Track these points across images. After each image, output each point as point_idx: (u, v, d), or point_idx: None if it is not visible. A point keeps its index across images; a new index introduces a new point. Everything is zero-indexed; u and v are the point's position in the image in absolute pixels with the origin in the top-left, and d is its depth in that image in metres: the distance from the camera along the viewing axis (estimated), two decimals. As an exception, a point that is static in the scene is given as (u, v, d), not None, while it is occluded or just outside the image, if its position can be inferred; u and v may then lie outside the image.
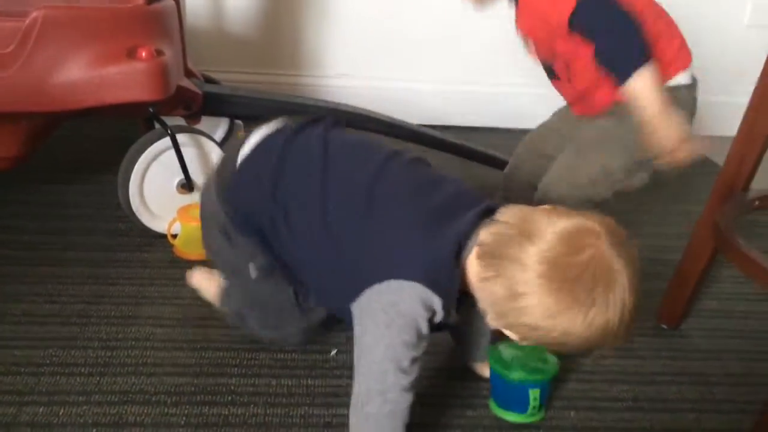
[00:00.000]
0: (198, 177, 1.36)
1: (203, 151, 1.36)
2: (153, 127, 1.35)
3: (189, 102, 1.39)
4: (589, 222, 0.78)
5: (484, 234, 0.81)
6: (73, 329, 1.10)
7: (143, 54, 1.21)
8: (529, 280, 0.75)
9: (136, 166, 1.29)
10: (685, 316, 1.22)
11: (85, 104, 1.21)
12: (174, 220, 1.31)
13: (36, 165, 1.39)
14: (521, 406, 0.97)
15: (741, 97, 1.14)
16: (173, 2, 1.33)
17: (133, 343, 1.08)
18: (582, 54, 1.13)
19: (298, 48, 1.97)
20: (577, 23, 1.09)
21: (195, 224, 1.28)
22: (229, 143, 1.60)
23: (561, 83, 1.28)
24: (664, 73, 1.12)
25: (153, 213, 1.35)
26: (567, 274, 0.75)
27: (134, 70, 1.20)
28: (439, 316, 0.85)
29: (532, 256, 0.76)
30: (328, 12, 1.94)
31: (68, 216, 1.42)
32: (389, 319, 0.82)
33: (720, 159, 1.90)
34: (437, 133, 1.67)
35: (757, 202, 1.09)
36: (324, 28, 1.96)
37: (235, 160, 0.97)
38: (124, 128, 1.61)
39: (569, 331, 0.76)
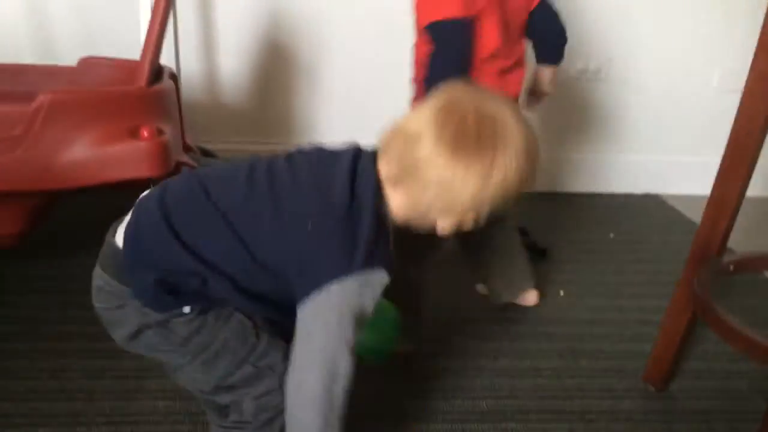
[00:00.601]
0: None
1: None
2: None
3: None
4: (447, 93, 0.85)
5: (382, 170, 0.86)
6: (78, 405, 1.12)
7: (144, 133, 1.26)
8: (440, 167, 0.81)
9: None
10: (671, 377, 1.26)
11: (90, 182, 1.26)
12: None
13: (36, 239, 1.43)
14: None
15: (711, 157, 1.21)
16: (172, 82, 1.39)
17: (138, 417, 1.10)
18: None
19: (291, 116, 2.04)
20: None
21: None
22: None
23: None
24: None
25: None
26: (464, 141, 0.81)
27: (136, 149, 1.26)
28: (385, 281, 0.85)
29: (429, 149, 0.81)
30: (319, 80, 2.02)
31: (69, 290, 1.44)
32: (339, 318, 0.82)
33: (694, 216, 1.97)
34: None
35: (731, 267, 1.14)
36: (316, 96, 2.04)
37: (115, 245, 0.91)
38: (127, 197, 1.64)
39: (503, 180, 0.82)
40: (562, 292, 1.57)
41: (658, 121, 2.19)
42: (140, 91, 1.30)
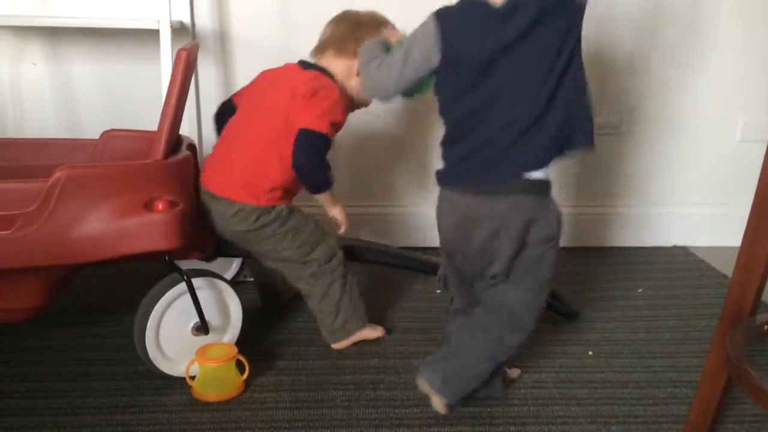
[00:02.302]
0: (210, 318, 1.39)
1: (216, 291, 1.40)
2: None
3: (203, 246, 1.45)
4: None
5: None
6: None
7: (159, 206, 1.27)
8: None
9: (151, 316, 1.33)
10: (709, 443, 1.19)
11: (106, 256, 1.26)
12: (192, 362, 1.33)
13: (55, 308, 1.42)
14: None
15: (739, 209, 1.17)
16: (189, 153, 1.40)
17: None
18: None
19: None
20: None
21: (213, 365, 1.31)
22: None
23: None
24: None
25: (170, 359, 1.37)
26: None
27: (151, 222, 1.26)
28: None
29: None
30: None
31: (88, 360, 1.44)
32: None
33: (725, 268, 1.92)
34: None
35: (766, 327, 1.08)
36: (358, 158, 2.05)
37: None
38: (144, 266, 1.65)
39: None
40: (591, 353, 1.52)
41: (684, 173, 2.15)
42: (155, 163, 1.31)
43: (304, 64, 1.47)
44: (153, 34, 1.72)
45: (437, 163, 1.24)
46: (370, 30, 1.41)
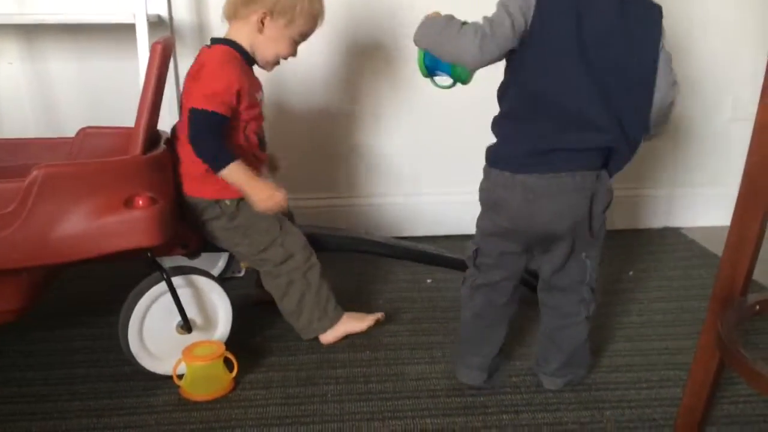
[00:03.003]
0: (197, 316, 1.37)
1: (202, 289, 1.38)
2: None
3: (186, 242, 1.42)
4: None
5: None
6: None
7: (140, 202, 1.24)
8: None
9: (134, 313, 1.31)
10: (703, 424, 1.18)
11: (86, 255, 1.23)
12: (179, 361, 1.31)
13: (40, 311, 1.41)
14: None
15: (729, 188, 1.15)
16: (166, 149, 1.37)
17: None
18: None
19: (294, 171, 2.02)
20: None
21: (200, 363, 1.29)
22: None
23: None
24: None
25: (154, 356, 1.35)
26: None
27: (132, 219, 1.23)
28: None
29: None
30: (328, 138, 2.01)
31: (74, 363, 1.42)
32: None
33: (716, 249, 1.91)
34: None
35: (757, 307, 1.07)
36: (325, 154, 2.03)
37: None
38: (133, 264, 1.63)
39: None
40: (582, 338, 1.51)
41: (674, 153, 2.14)
42: (134, 159, 1.28)
43: (211, 41, 1.44)
44: (130, 29, 1.70)
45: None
46: None
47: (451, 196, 2.04)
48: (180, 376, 1.31)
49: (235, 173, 1.35)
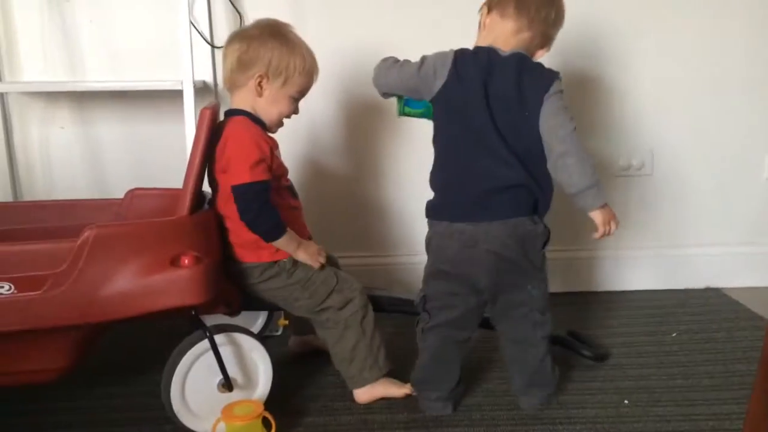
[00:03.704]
0: (237, 375, 1.38)
1: (243, 347, 1.39)
2: None
3: (229, 300, 1.44)
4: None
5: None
6: None
7: (185, 261, 1.27)
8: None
9: (177, 370, 1.32)
10: (757, 494, 1.14)
11: (133, 313, 1.26)
12: (218, 420, 1.31)
13: (83, 368, 1.42)
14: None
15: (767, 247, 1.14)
16: (211, 209, 1.41)
17: None
18: None
19: (337, 231, 2.04)
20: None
21: (239, 423, 1.29)
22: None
23: None
24: None
25: (195, 414, 1.35)
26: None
27: (178, 278, 1.27)
28: None
29: None
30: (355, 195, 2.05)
31: (115, 421, 1.43)
32: None
33: (761, 309, 1.87)
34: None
35: (810, 370, 1.04)
36: (354, 211, 2.06)
37: None
38: (174, 323, 1.65)
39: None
40: (626, 402, 1.47)
41: (714, 212, 2.12)
42: (181, 220, 1.32)
43: (226, 114, 1.47)
44: (177, 95, 1.77)
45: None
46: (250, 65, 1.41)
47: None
48: (219, 437, 1.31)
49: (285, 241, 1.40)
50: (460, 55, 1.38)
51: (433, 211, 1.40)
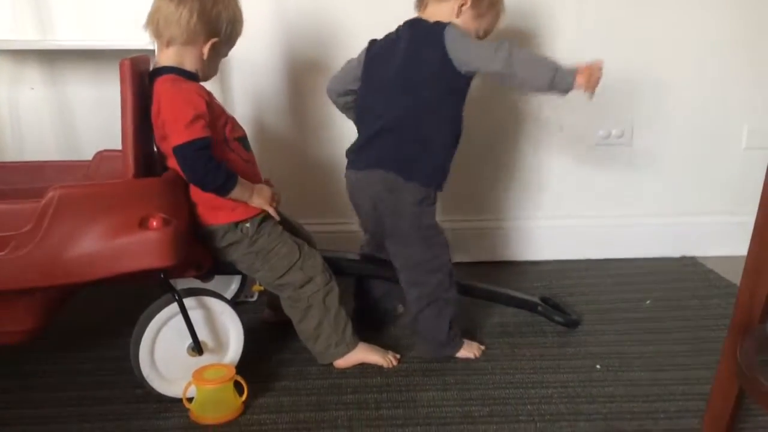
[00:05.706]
0: (208, 339, 1.36)
1: (214, 311, 1.37)
2: None
3: (199, 264, 1.42)
4: None
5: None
6: None
7: (154, 223, 1.25)
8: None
9: (145, 334, 1.31)
10: (723, 457, 1.15)
11: (100, 275, 1.24)
12: (189, 384, 1.30)
13: (52, 333, 1.40)
14: None
15: (747, 217, 1.14)
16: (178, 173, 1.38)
17: None
18: None
19: (306, 197, 2.03)
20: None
21: (211, 386, 1.28)
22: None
23: None
24: None
25: (165, 378, 1.34)
26: None
27: (146, 240, 1.24)
28: None
29: None
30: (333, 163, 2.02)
31: (85, 385, 1.41)
32: None
33: (734, 278, 1.88)
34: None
35: (777, 334, 1.05)
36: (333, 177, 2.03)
37: None
38: (148, 287, 1.63)
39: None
40: (598, 366, 1.48)
41: (692, 182, 2.13)
42: (149, 181, 1.29)
43: (151, 74, 1.40)
44: (149, 54, 1.72)
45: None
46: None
47: (468, 222, 2.04)
48: (190, 399, 1.30)
49: (239, 192, 1.36)
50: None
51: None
